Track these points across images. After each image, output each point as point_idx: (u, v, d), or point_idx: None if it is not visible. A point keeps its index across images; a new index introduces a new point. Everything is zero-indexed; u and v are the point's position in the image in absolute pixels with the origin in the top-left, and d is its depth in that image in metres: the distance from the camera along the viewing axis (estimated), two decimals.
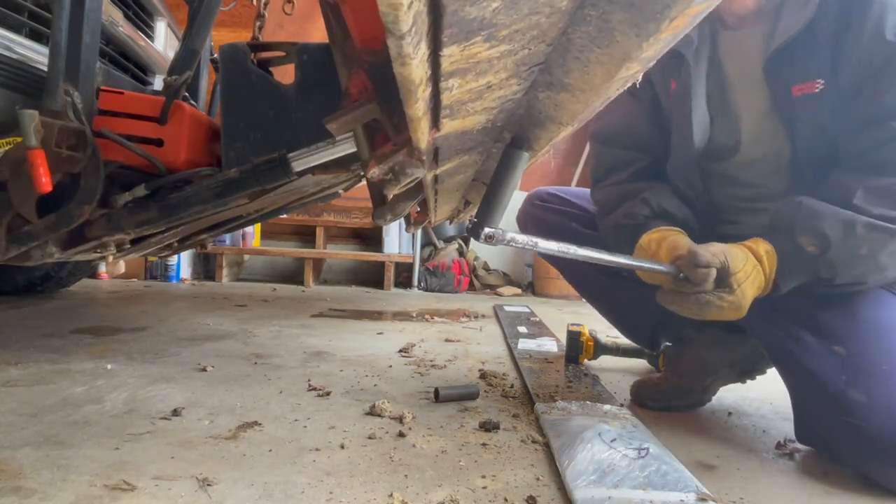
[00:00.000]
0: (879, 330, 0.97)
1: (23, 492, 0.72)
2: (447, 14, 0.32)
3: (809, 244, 0.93)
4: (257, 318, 2.18)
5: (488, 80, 0.47)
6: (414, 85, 0.39)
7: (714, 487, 0.84)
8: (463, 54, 0.39)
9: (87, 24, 1.03)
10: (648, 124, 1.24)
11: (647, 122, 1.24)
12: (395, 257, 3.69)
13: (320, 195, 1.72)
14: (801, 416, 1.00)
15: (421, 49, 0.35)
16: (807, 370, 0.97)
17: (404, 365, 1.52)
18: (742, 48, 1.09)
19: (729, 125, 1.13)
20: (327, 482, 0.79)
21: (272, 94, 1.14)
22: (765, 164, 1.12)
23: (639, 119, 1.25)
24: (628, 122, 1.26)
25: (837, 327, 0.98)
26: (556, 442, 0.94)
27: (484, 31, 0.36)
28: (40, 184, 0.93)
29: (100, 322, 1.94)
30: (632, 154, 1.24)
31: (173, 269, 3.40)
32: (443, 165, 0.75)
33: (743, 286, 0.93)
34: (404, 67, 0.36)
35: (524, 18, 0.37)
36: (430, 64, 0.39)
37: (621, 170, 1.23)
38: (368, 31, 0.52)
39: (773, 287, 0.97)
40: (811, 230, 0.93)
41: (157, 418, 1.01)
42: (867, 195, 0.92)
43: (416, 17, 0.30)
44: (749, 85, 1.09)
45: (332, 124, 0.60)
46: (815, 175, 1.02)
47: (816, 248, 0.93)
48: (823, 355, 0.96)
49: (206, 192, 1.08)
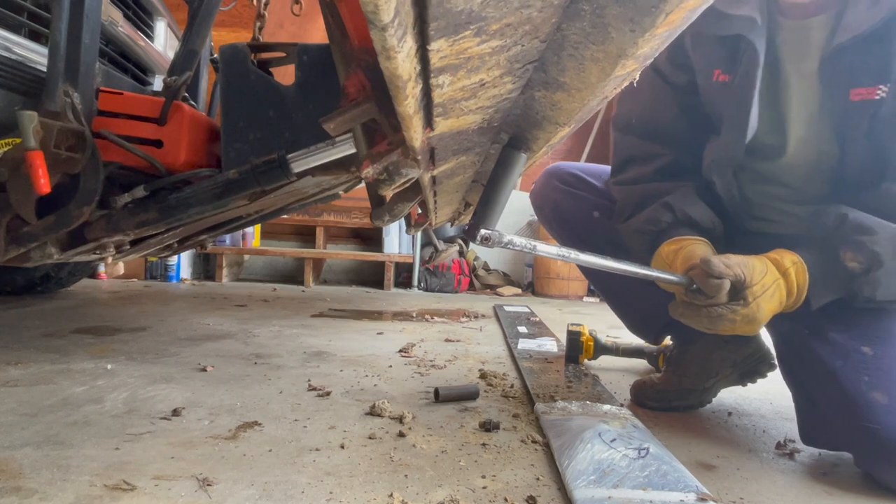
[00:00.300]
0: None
1: (23, 492, 0.72)
2: (432, 5, 0.32)
3: (853, 260, 0.88)
4: (257, 318, 2.18)
5: (481, 78, 0.46)
6: (402, 81, 0.38)
7: (714, 487, 0.84)
8: (452, 49, 0.39)
9: (87, 24, 1.03)
10: (678, 113, 1.12)
11: (677, 110, 1.12)
12: (395, 257, 3.69)
13: (320, 196, 1.72)
14: (811, 418, 0.97)
15: (407, 43, 0.34)
16: (829, 370, 0.93)
17: (404, 365, 1.52)
18: (800, 41, 0.98)
19: (776, 124, 1.03)
20: (327, 482, 0.79)
21: (272, 95, 1.14)
22: (807, 167, 1.04)
23: (667, 106, 1.13)
24: (654, 109, 1.14)
25: (868, 328, 0.94)
26: (556, 442, 0.94)
27: (473, 24, 0.36)
28: (39, 185, 0.93)
29: (100, 322, 1.94)
30: (655, 147, 1.13)
31: (173, 269, 3.40)
32: (440, 166, 0.75)
33: (759, 300, 0.88)
34: (390, 61, 0.35)
35: (515, 12, 0.36)
36: (419, 59, 0.38)
37: (642, 163, 1.14)
38: (364, 29, 0.52)
39: (803, 302, 0.92)
40: (858, 247, 0.87)
41: (157, 418, 1.01)
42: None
43: (398, 8, 0.29)
44: (803, 82, 0.99)
45: (328, 124, 0.60)
46: (860, 184, 0.96)
47: (860, 265, 0.87)
48: (849, 355, 0.92)
49: (205, 193, 1.08)
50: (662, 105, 1.14)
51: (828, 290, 0.91)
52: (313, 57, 1.13)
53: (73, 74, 1.02)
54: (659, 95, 1.14)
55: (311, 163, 0.99)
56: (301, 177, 1.02)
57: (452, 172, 0.89)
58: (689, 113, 1.12)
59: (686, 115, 1.12)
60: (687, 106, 1.12)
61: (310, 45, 1.14)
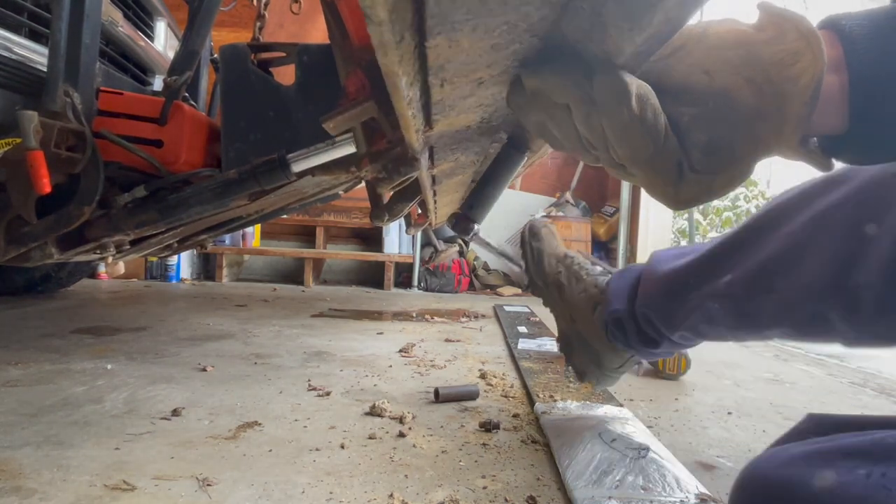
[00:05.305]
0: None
1: (23, 492, 0.72)
2: (430, 2, 0.31)
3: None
4: (257, 318, 2.18)
5: (480, 76, 0.46)
6: (399, 78, 0.38)
7: (714, 487, 0.84)
8: (451, 46, 0.39)
9: (87, 24, 1.03)
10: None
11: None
12: (395, 257, 3.69)
13: (320, 196, 1.72)
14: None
15: (404, 39, 0.34)
16: None
17: (404, 365, 1.52)
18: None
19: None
20: (327, 482, 0.79)
21: (272, 95, 1.14)
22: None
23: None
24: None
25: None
26: (556, 442, 0.94)
27: (471, 21, 0.36)
28: (40, 185, 0.93)
29: (100, 322, 1.94)
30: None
31: (173, 269, 3.40)
32: (439, 165, 0.75)
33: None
34: (387, 58, 0.35)
35: (514, 10, 0.36)
36: (417, 56, 0.38)
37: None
38: (364, 28, 0.52)
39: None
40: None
41: (157, 418, 1.01)
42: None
43: (395, 4, 0.29)
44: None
45: (328, 123, 0.60)
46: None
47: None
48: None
49: (205, 192, 1.08)
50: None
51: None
52: (313, 57, 1.13)
53: (73, 74, 1.02)
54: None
55: (311, 162, 0.99)
56: (301, 177, 1.02)
57: (452, 172, 0.89)
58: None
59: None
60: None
61: (310, 45, 1.14)
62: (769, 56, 0.43)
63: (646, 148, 0.45)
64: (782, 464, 0.55)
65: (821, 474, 0.50)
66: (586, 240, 3.88)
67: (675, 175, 0.46)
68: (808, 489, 0.50)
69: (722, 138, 0.45)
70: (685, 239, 4.91)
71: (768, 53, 0.43)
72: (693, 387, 1.46)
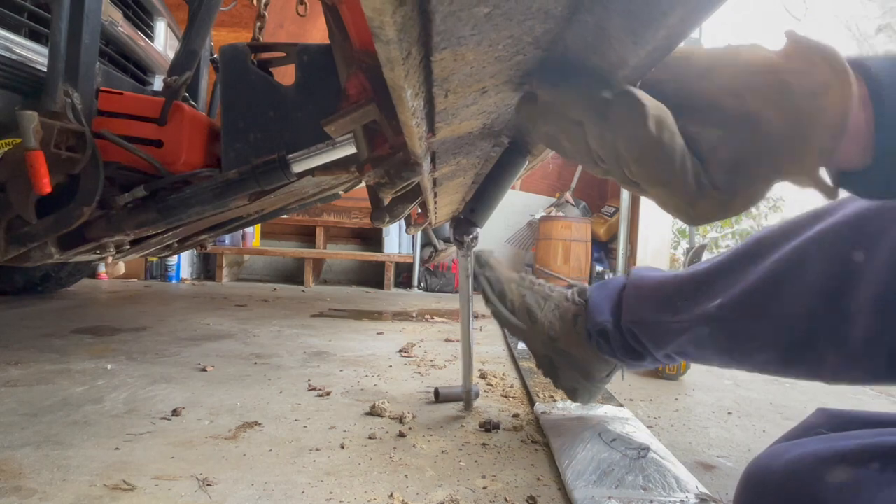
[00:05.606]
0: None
1: (23, 492, 0.72)
2: (437, 19, 0.32)
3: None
4: (257, 318, 2.18)
5: (483, 86, 0.47)
6: (405, 91, 0.38)
7: (714, 487, 0.84)
8: (456, 59, 0.39)
9: (87, 24, 1.03)
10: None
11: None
12: (395, 257, 3.69)
13: (320, 196, 1.72)
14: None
15: (411, 54, 0.34)
16: None
17: (404, 365, 1.52)
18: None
19: None
20: (327, 482, 0.79)
21: (272, 95, 1.14)
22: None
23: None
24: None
25: None
26: (556, 442, 0.94)
27: (476, 35, 0.36)
28: (39, 185, 0.93)
29: (100, 322, 1.94)
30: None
31: (173, 269, 3.40)
32: (441, 168, 0.75)
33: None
34: (393, 73, 0.35)
35: (518, 24, 0.36)
36: (422, 69, 0.39)
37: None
38: (365, 32, 0.52)
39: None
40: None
41: (157, 418, 1.01)
42: None
43: (404, 23, 0.29)
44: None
45: (329, 126, 0.59)
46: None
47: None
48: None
49: (205, 193, 1.08)
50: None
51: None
52: (313, 57, 1.13)
53: (73, 74, 1.02)
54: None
55: (311, 163, 0.99)
56: (301, 177, 1.02)
57: (453, 174, 0.90)
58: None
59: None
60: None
61: (310, 46, 1.14)
62: (798, 86, 0.43)
63: (663, 169, 0.45)
64: (795, 458, 0.57)
65: (833, 470, 0.53)
66: (586, 240, 3.88)
67: (692, 192, 0.47)
68: (821, 484, 0.52)
69: (747, 159, 0.45)
70: (685, 239, 4.91)
71: (797, 83, 0.43)
72: (693, 387, 1.46)
